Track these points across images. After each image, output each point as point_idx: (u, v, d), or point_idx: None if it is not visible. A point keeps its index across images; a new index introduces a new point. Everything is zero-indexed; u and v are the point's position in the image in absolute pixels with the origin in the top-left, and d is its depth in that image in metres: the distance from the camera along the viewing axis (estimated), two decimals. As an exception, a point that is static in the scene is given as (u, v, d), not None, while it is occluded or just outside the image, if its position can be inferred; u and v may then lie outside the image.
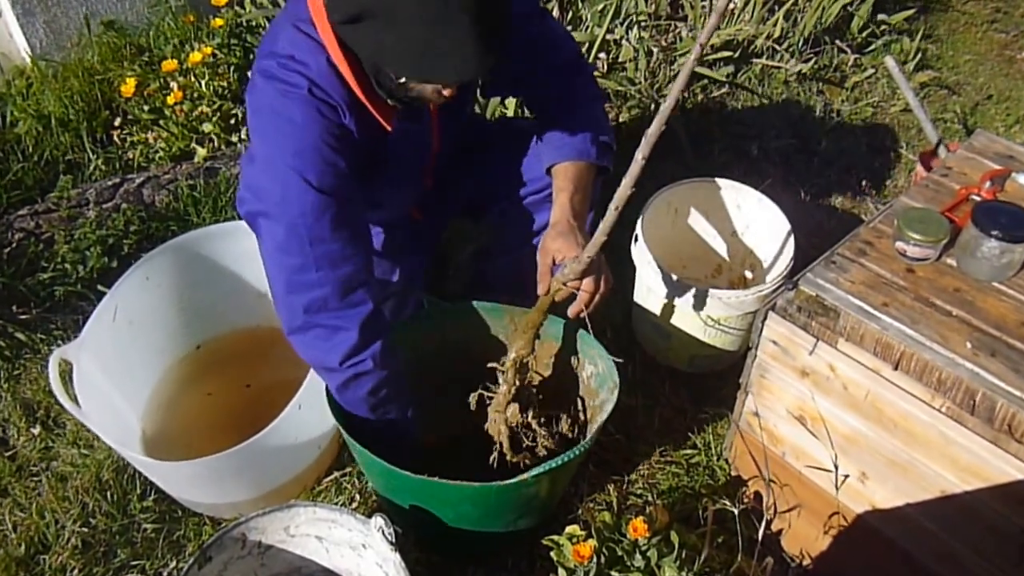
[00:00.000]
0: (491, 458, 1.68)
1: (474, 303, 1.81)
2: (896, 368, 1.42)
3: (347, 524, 1.55)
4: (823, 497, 1.67)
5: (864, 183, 2.75)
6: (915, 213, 1.53)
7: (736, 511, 1.60)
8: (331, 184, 1.43)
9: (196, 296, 2.07)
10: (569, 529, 1.62)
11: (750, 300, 1.89)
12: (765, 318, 1.59)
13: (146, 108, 2.75)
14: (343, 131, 1.47)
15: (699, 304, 1.91)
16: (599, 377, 1.74)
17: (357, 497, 1.88)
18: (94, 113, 2.79)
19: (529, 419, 1.68)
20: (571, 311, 1.60)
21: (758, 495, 1.85)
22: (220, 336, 2.17)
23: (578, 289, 1.56)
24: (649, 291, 2.00)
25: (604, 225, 1.43)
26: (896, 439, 1.48)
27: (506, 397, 1.65)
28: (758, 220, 2.14)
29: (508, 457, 1.67)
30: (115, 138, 2.78)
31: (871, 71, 3.18)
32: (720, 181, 2.14)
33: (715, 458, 1.93)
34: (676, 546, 1.54)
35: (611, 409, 1.59)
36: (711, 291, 1.89)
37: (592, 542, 1.53)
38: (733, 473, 1.89)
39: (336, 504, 1.86)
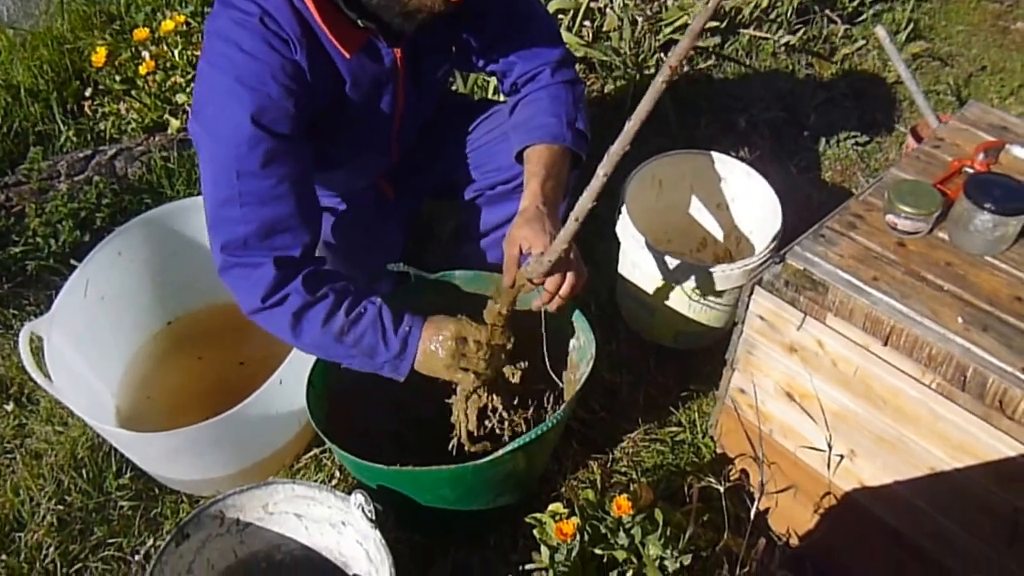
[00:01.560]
0: (450, 444, 1.64)
1: (458, 272, 1.78)
2: (886, 344, 1.40)
3: (326, 502, 1.52)
4: (811, 475, 1.66)
5: (854, 156, 2.72)
6: (906, 185, 1.51)
7: (722, 489, 1.58)
8: (271, 119, 1.40)
9: (170, 271, 2.03)
10: (552, 507, 1.61)
11: (736, 274, 1.87)
12: (752, 292, 1.56)
13: (118, 78, 2.69)
14: (295, 69, 1.43)
15: (684, 279, 1.89)
16: (580, 350, 1.71)
17: (337, 474, 1.85)
18: (64, 83, 2.74)
19: (496, 403, 1.65)
20: (533, 305, 1.57)
21: (745, 473, 1.84)
22: (195, 312, 2.13)
23: (542, 285, 1.52)
24: (634, 266, 1.97)
25: (564, 233, 1.38)
26: (885, 416, 1.46)
27: (471, 384, 1.61)
28: (745, 193, 2.11)
29: (466, 447, 1.63)
30: (86, 109, 2.73)
31: (862, 42, 3.14)
32: (706, 153, 2.11)
33: (700, 436, 1.91)
34: (661, 524, 1.52)
35: (585, 380, 1.56)
36: (696, 265, 1.86)
37: (575, 520, 1.51)
38: (719, 451, 1.87)
39: (315, 481, 1.83)
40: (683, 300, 1.95)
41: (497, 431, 1.64)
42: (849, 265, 1.46)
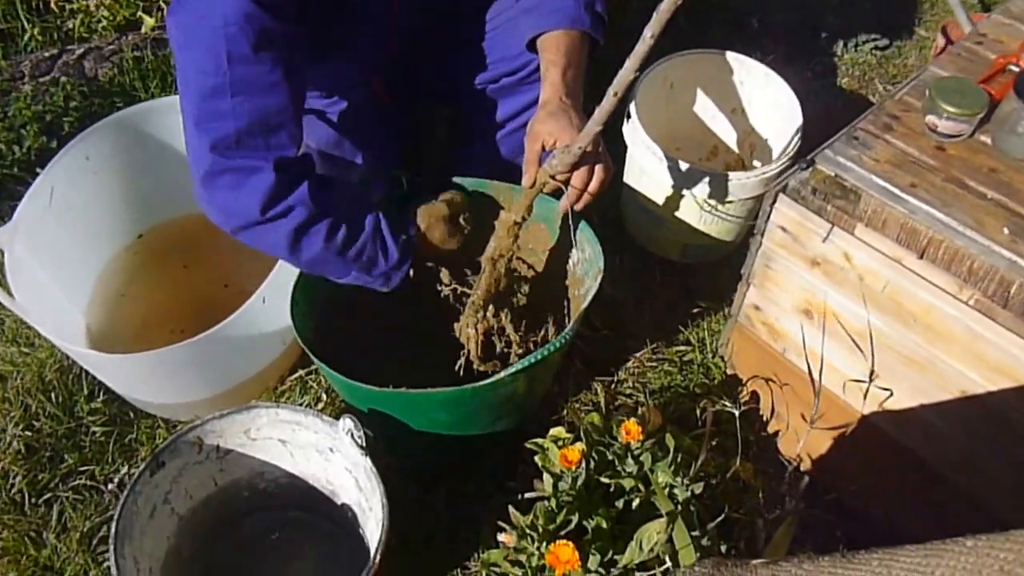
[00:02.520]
0: (457, 364, 1.55)
1: (456, 179, 1.65)
2: (921, 256, 1.29)
3: (312, 426, 1.43)
4: (828, 398, 1.56)
5: (872, 61, 2.57)
6: (950, 83, 1.37)
7: (737, 413, 1.49)
8: None
9: (142, 177, 1.89)
10: (554, 431, 1.51)
11: (753, 183, 1.74)
12: (774, 201, 1.45)
13: (88, -27, 2.49)
14: None
15: (696, 187, 1.76)
16: (585, 263, 1.60)
17: (324, 397, 1.76)
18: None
19: (504, 322, 1.55)
20: (560, 207, 1.44)
21: (755, 395, 1.75)
22: (170, 222, 1.99)
23: (567, 183, 1.39)
24: (641, 173, 1.84)
25: (600, 113, 1.25)
26: (915, 335, 1.36)
27: (481, 298, 1.52)
28: (762, 97, 1.97)
29: (476, 365, 1.54)
30: (52, 5, 2.53)
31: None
32: (722, 53, 1.96)
33: (710, 355, 1.81)
34: (671, 450, 1.43)
35: (592, 296, 1.45)
36: (711, 172, 1.73)
37: (580, 445, 1.42)
38: (729, 371, 1.78)
39: (301, 405, 1.73)
40: (694, 210, 1.82)
41: (505, 352, 1.55)
42: (884, 171, 1.33)
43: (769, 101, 1.96)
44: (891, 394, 1.42)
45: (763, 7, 2.66)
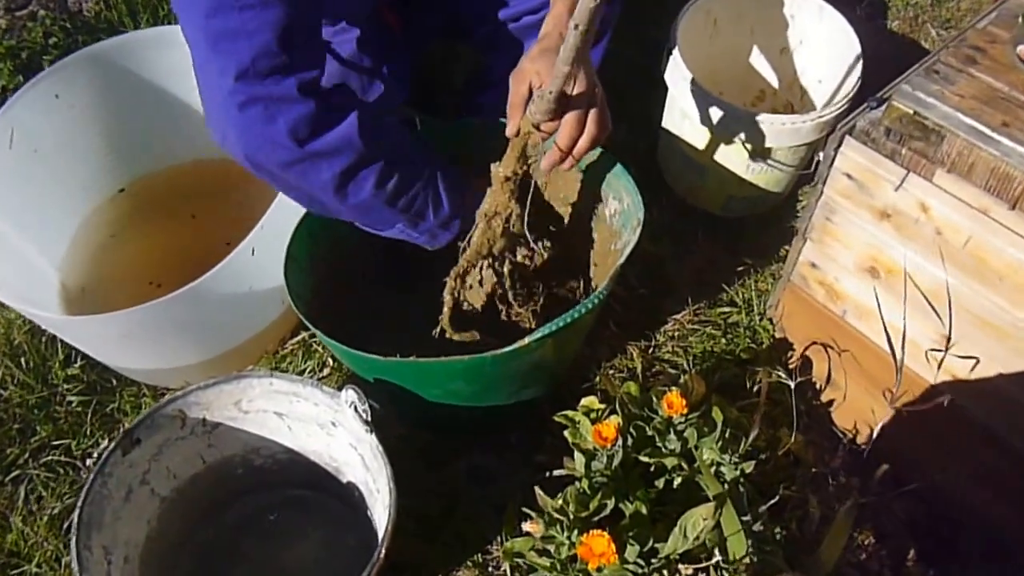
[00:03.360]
0: (435, 331, 1.43)
1: (474, 119, 1.52)
2: (1014, 207, 1.15)
3: (312, 398, 1.31)
4: (890, 365, 1.44)
5: (926, 4, 2.42)
6: (1048, 5, 1.23)
7: (792, 384, 1.37)
8: None
9: (124, 119, 1.76)
10: (585, 401, 1.39)
11: (808, 127, 1.60)
12: (839, 144, 1.31)
13: None
14: None
15: (743, 132, 1.62)
16: (623, 215, 1.47)
17: (330, 362, 1.64)
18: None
19: (507, 287, 1.43)
20: (542, 165, 1.29)
21: (807, 361, 1.62)
22: (158, 172, 1.86)
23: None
24: (683, 116, 1.70)
25: (566, 51, 1.09)
26: (999, 296, 1.24)
27: (469, 259, 1.39)
28: (816, 34, 1.82)
29: (448, 334, 1.42)
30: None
31: None
32: (771, -16, 1.81)
33: (757, 318, 1.68)
34: (719, 424, 1.31)
35: (631, 250, 1.32)
36: (761, 116, 1.59)
37: (616, 419, 1.30)
38: (779, 335, 1.65)
39: (304, 372, 1.62)
40: (740, 158, 1.68)
41: (513, 321, 1.44)
42: (972, 108, 1.19)
43: (823, 39, 1.81)
44: (977, 361, 1.29)
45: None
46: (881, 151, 1.25)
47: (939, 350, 1.30)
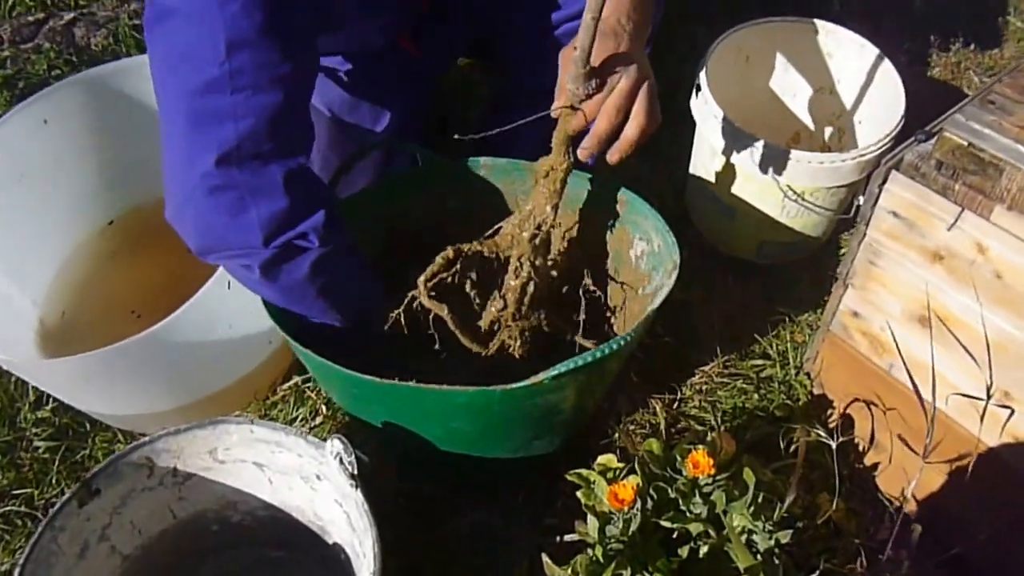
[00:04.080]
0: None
1: (483, 159, 1.44)
2: (1084, 248, 1.05)
3: (296, 448, 1.22)
4: (945, 424, 1.33)
5: (967, 51, 2.35)
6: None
7: (834, 445, 1.26)
8: None
9: (116, 147, 1.69)
10: (602, 459, 1.29)
11: (849, 167, 1.52)
12: (884, 180, 1.23)
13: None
14: None
15: (780, 171, 1.54)
16: (654, 257, 1.38)
17: (323, 410, 1.55)
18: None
19: (541, 320, 1.35)
20: (579, 152, 1.20)
21: (848, 419, 1.51)
22: (150, 203, 1.77)
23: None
24: (713, 154, 1.62)
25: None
26: (1069, 349, 1.13)
27: (518, 286, 1.30)
28: (856, 73, 1.75)
29: (420, 296, 1.29)
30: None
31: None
32: (808, 21, 1.74)
33: (793, 372, 1.58)
34: (751, 487, 1.20)
35: (666, 295, 1.23)
36: (797, 153, 1.51)
37: (635, 480, 1.19)
38: (817, 391, 1.55)
39: (295, 420, 1.52)
40: (775, 200, 1.60)
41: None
42: (1035, 138, 1.10)
43: (863, 78, 1.74)
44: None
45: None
46: (932, 186, 1.17)
47: (1006, 406, 1.19)
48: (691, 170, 1.74)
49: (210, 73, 1.05)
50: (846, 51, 1.75)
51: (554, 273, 1.36)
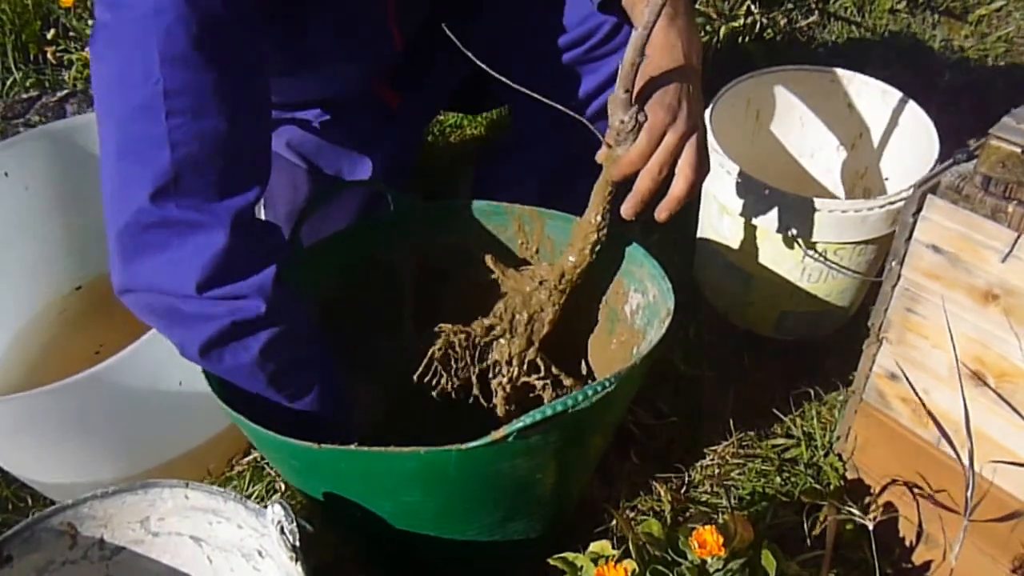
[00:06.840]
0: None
1: (462, 202, 1.25)
2: None
3: (235, 517, 0.99)
4: (1007, 505, 1.05)
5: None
6: None
7: (871, 525, 0.99)
8: None
9: (86, 206, 1.50)
10: (595, 546, 1.04)
11: (877, 216, 1.29)
12: (919, 208, 1.00)
13: (89, 20, 2.26)
14: None
15: (798, 225, 1.32)
16: (648, 309, 1.15)
17: (282, 488, 1.30)
18: (24, 24, 2.31)
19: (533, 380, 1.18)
20: (623, 210, 1.02)
21: (890, 506, 1.23)
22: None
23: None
24: (722, 212, 1.41)
25: (636, 37, 0.87)
26: None
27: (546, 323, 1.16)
28: (880, 122, 1.54)
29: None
30: (50, 56, 2.30)
31: (1003, 1, 2.57)
32: (826, 70, 1.56)
33: (822, 453, 1.31)
34: (771, 574, 0.93)
35: (658, 340, 0.99)
36: (817, 201, 1.29)
37: (630, 564, 0.93)
38: (850, 475, 1.27)
39: (250, 497, 1.28)
40: (794, 261, 1.37)
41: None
42: (1105, 138, 0.88)
43: (890, 128, 1.52)
44: None
45: (864, 64, 2.26)
46: (978, 210, 0.94)
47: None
48: (699, 234, 1.52)
49: (142, 94, 0.88)
50: (868, 100, 1.55)
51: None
